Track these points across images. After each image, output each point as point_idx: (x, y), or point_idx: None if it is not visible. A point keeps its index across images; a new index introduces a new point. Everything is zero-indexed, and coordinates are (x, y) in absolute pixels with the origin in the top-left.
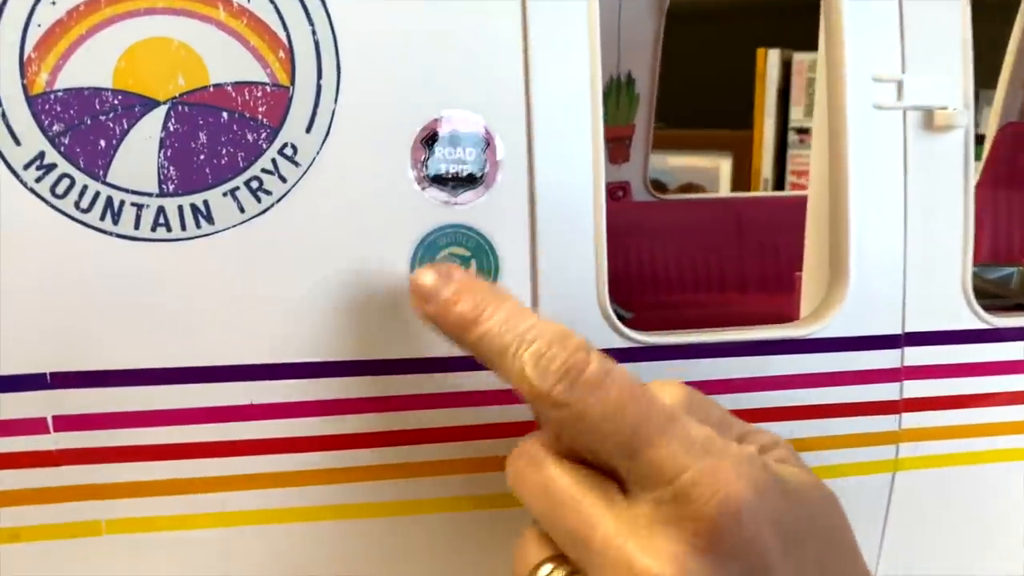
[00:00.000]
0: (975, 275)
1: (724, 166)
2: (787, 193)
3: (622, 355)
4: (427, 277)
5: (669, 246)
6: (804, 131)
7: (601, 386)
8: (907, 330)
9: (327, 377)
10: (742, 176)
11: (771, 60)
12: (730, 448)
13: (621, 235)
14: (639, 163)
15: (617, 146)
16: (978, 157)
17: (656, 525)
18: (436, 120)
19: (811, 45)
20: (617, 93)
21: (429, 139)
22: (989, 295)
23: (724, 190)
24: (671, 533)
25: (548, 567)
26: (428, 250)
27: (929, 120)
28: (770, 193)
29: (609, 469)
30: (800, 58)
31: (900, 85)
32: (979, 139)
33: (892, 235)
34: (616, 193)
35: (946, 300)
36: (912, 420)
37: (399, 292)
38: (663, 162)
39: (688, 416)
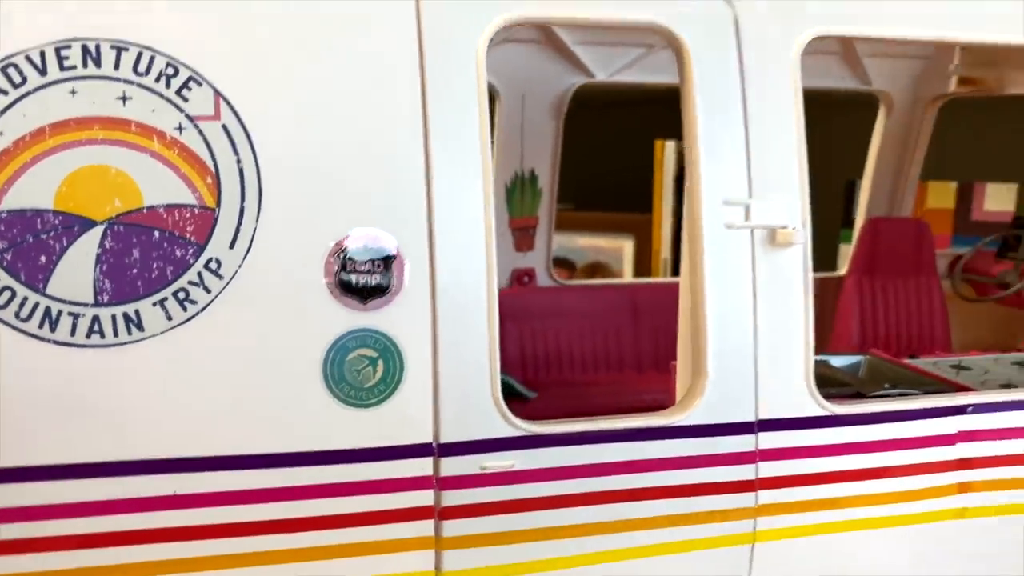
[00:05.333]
0: (827, 364)
1: (627, 247)
2: (678, 279)
3: (512, 443)
4: None
5: (572, 328)
6: None
7: None
8: (760, 417)
9: (246, 469)
10: (644, 256)
11: (668, 150)
12: None
13: (528, 318)
14: (543, 251)
15: (523, 235)
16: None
17: None
18: (348, 236)
19: None
20: (522, 188)
21: (341, 253)
22: (837, 383)
23: (627, 268)
24: None
25: None
26: (339, 352)
27: (772, 237)
28: (662, 279)
29: None
30: None
31: (747, 208)
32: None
33: (744, 336)
34: (523, 279)
35: (792, 391)
36: (768, 497)
37: (313, 391)
38: (572, 242)
39: None
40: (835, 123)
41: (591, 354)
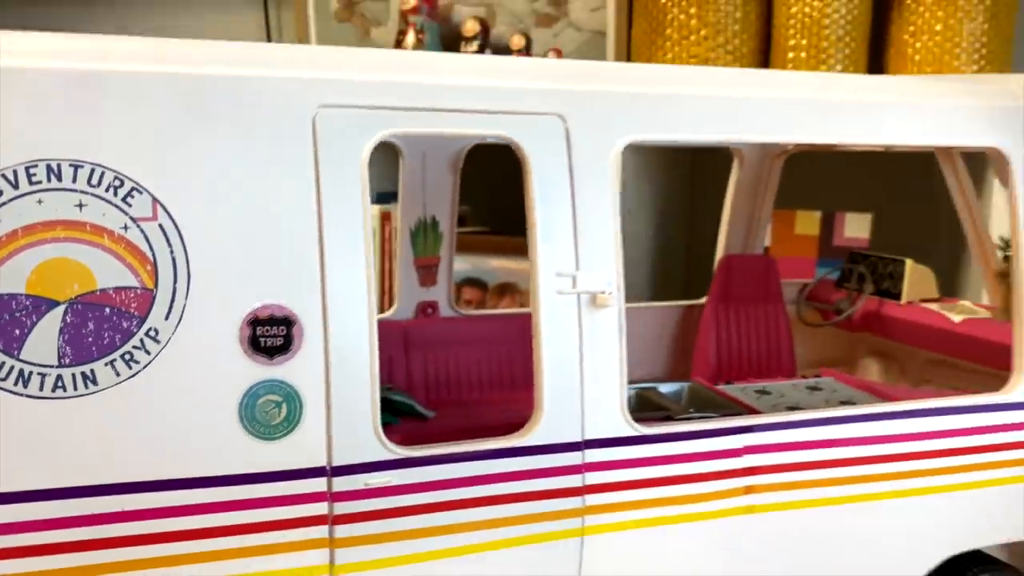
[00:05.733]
0: (655, 391)
1: None
2: None
3: (390, 464)
4: None
5: (471, 353)
6: None
7: None
8: (586, 437)
9: (178, 489)
10: None
11: None
12: None
13: (431, 346)
14: (444, 285)
15: (427, 272)
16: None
17: None
18: (258, 307)
19: None
20: (425, 232)
21: (253, 320)
22: (657, 408)
23: None
24: None
25: None
26: (252, 398)
27: (593, 300)
28: None
29: None
30: None
31: (575, 278)
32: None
33: (573, 376)
34: (427, 311)
35: (611, 416)
36: (593, 499)
37: (231, 429)
38: (486, 264)
39: None
40: (718, 169)
41: (487, 376)
